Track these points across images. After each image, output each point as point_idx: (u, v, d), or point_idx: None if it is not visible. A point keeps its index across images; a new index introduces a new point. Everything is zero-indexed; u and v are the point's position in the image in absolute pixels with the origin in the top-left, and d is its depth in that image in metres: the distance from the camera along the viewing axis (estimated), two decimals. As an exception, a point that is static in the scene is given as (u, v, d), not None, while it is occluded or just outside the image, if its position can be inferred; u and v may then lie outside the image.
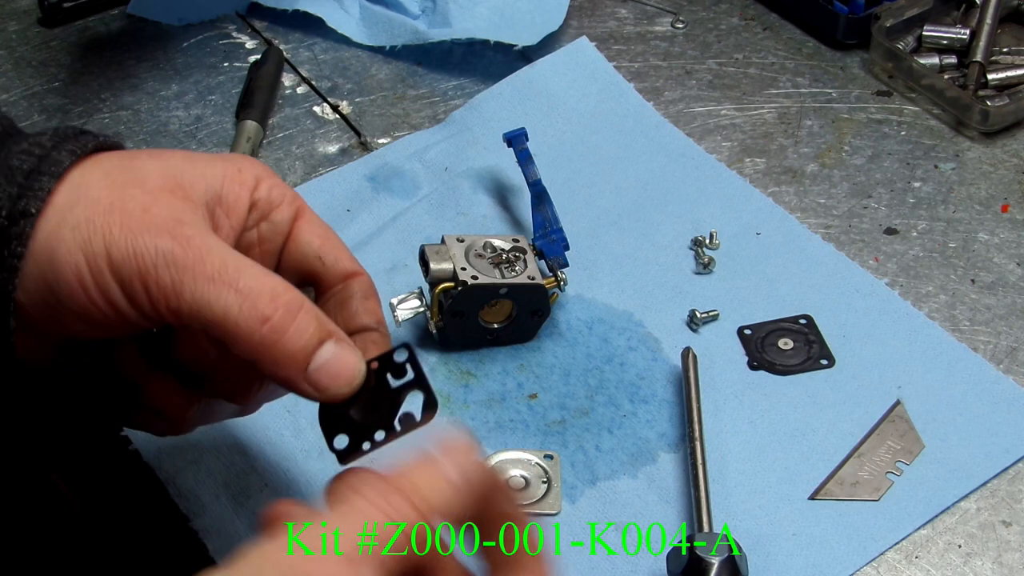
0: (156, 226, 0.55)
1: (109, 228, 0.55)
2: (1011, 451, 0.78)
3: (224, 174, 0.60)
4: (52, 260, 0.55)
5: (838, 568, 0.72)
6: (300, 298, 0.56)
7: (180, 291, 0.54)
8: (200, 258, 0.55)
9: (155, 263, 0.54)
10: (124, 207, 0.55)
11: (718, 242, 0.91)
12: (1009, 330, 0.86)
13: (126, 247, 0.54)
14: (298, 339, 0.55)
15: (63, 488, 0.72)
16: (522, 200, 0.93)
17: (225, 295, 0.54)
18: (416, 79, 1.06)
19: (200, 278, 0.54)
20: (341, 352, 0.57)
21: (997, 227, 0.93)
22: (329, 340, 0.57)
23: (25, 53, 1.07)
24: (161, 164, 0.58)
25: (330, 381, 0.56)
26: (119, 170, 0.57)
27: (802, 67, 1.07)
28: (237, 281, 0.55)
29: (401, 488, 0.49)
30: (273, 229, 0.62)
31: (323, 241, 0.63)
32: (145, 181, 0.57)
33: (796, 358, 0.83)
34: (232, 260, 0.55)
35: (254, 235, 0.62)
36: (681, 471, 0.77)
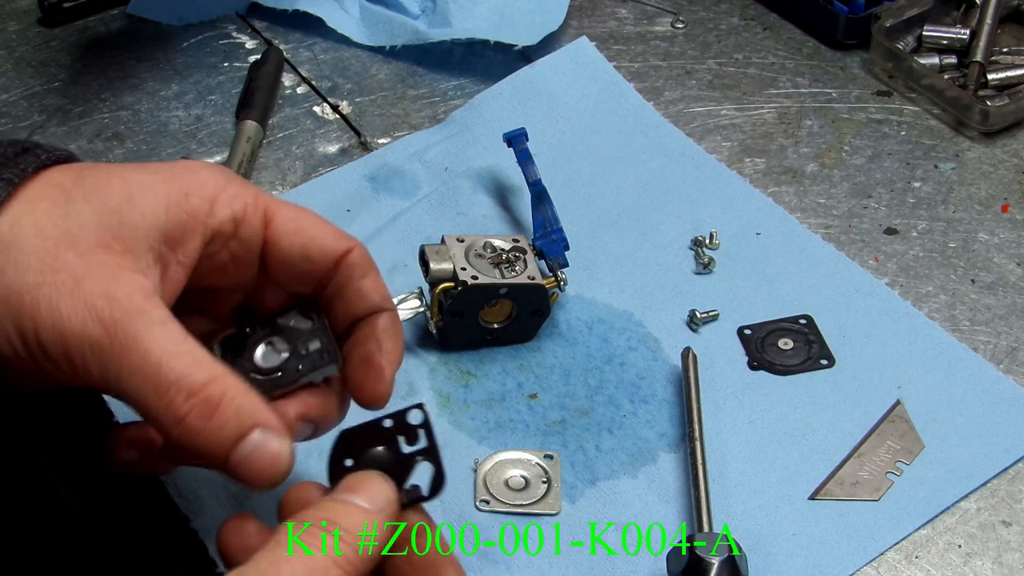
0: (85, 306, 0.53)
1: (37, 306, 0.53)
2: (1011, 451, 0.78)
3: (168, 205, 0.57)
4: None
5: (838, 568, 0.72)
6: (222, 388, 0.55)
7: (106, 377, 0.54)
8: (124, 347, 0.53)
9: (81, 350, 0.53)
10: (55, 280, 0.53)
11: (718, 242, 0.91)
12: (1009, 330, 0.86)
13: (53, 331, 0.53)
14: (213, 436, 0.54)
15: (63, 489, 0.72)
16: (522, 200, 0.93)
17: (145, 390, 0.54)
18: (416, 79, 1.06)
19: (124, 369, 0.53)
20: (264, 444, 0.55)
21: (997, 227, 0.93)
22: (252, 432, 0.55)
23: (25, 53, 1.07)
24: (97, 211, 0.55)
25: (253, 475, 0.55)
26: (52, 221, 0.55)
27: (802, 67, 1.07)
28: (157, 376, 0.53)
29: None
30: (244, 245, 0.60)
31: (303, 237, 0.61)
32: (78, 241, 0.55)
33: (796, 358, 0.83)
34: (156, 346, 0.54)
35: (225, 256, 0.60)
36: (681, 471, 0.77)
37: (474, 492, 0.75)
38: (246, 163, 0.95)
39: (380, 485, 0.56)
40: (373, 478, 0.56)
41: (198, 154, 0.98)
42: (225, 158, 0.97)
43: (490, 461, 0.77)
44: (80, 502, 0.71)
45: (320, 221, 0.62)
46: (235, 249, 0.60)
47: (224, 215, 0.59)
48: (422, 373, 0.82)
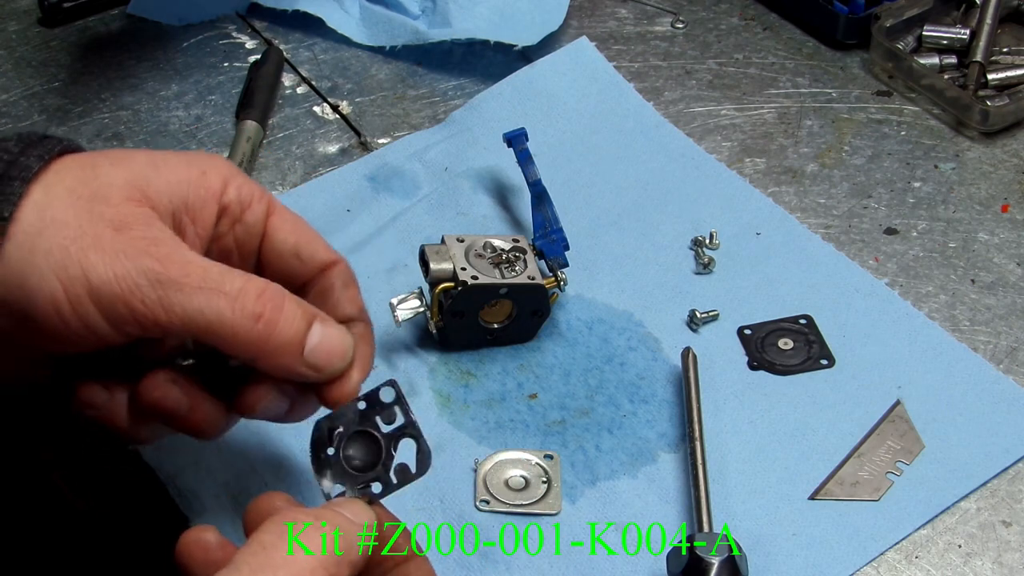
0: (132, 246, 0.55)
1: (85, 254, 0.54)
2: (1011, 451, 0.78)
3: (189, 179, 0.60)
4: (23, 287, 0.54)
5: (838, 568, 0.72)
6: (281, 290, 0.58)
7: (169, 306, 0.55)
8: (183, 271, 0.55)
9: (138, 284, 0.54)
10: (95, 230, 0.55)
11: (718, 242, 0.91)
12: (1009, 330, 0.86)
13: (106, 272, 0.54)
14: (289, 328, 0.57)
15: (64, 488, 0.72)
16: (522, 200, 0.93)
17: (215, 301, 0.56)
18: (416, 79, 1.06)
19: (188, 290, 0.55)
20: (329, 331, 0.59)
21: (997, 227, 0.93)
22: (315, 322, 0.59)
23: (25, 53, 1.07)
24: (124, 173, 0.58)
25: (326, 360, 0.59)
26: (82, 184, 0.57)
27: (802, 67, 1.07)
28: (223, 286, 0.56)
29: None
30: (247, 231, 0.63)
31: (298, 236, 0.63)
32: (109, 196, 0.57)
33: (796, 358, 0.83)
34: (212, 267, 0.57)
35: (230, 240, 0.63)
36: (681, 471, 0.77)
37: (474, 492, 0.75)
38: (246, 163, 0.95)
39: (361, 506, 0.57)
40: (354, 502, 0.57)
41: (198, 154, 0.98)
42: (225, 158, 0.97)
43: (490, 461, 0.77)
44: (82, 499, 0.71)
45: (314, 231, 0.65)
46: (239, 234, 0.62)
47: (234, 196, 0.61)
48: (422, 373, 0.82)
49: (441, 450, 0.77)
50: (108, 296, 0.54)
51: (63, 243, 0.54)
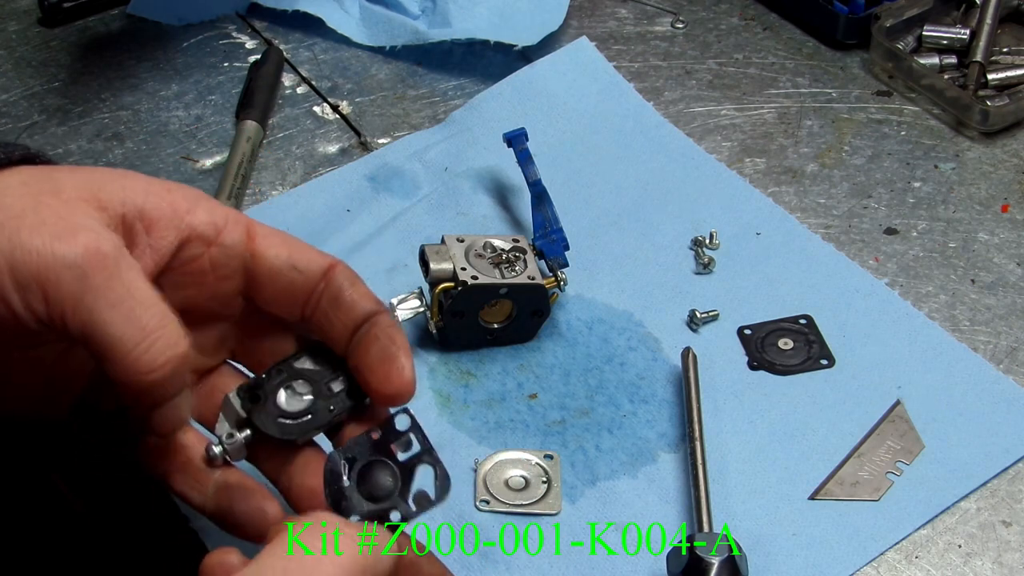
0: (69, 235, 0.53)
1: (17, 229, 0.52)
2: (1011, 451, 0.78)
3: (148, 190, 0.58)
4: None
5: (838, 568, 0.72)
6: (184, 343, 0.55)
7: (78, 306, 0.52)
8: (109, 278, 0.53)
9: (59, 271, 0.52)
10: (37, 214, 0.53)
11: (718, 242, 0.91)
12: (1009, 330, 0.86)
13: (32, 249, 0.52)
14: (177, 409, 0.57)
15: (63, 488, 0.72)
16: (522, 200, 0.93)
17: (123, 325, 0.53)
18: (416, 79, 1.06)
19: (103, 299, 0.52)
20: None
21: (997, 227, 0.93)
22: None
23: (25, 53, 1.07)
24: (81, 176, 0.56)
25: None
26: (37, 180, 0.55)
27: (802, 67, 1.07)
28: (141, 317, 0.53)
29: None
30: (226, 252, 0.60)
31: (290, 249, 0.61)
32: (61, 191, 0.55)
33: (796, 358, 0.83)
34: (140, 290, 0.54)
35: (204, 263, 0.60)
36: (681, 471, 0.77)
37: (474, 492, 0.75)
38: (246, 163, 0.95)
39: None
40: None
41: (198, 154, 0.98)
42: (225, 158, 0.97)
43: (490, 461, 0.77)
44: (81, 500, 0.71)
45: (301, 241, 0.63)
46: (216, 256, 0.60)
47: (203, 218, 0.59)
48: (422, 373, 0.82)
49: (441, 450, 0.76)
50: (28, 274, 0.52)
51: (2, 220, 0.53)
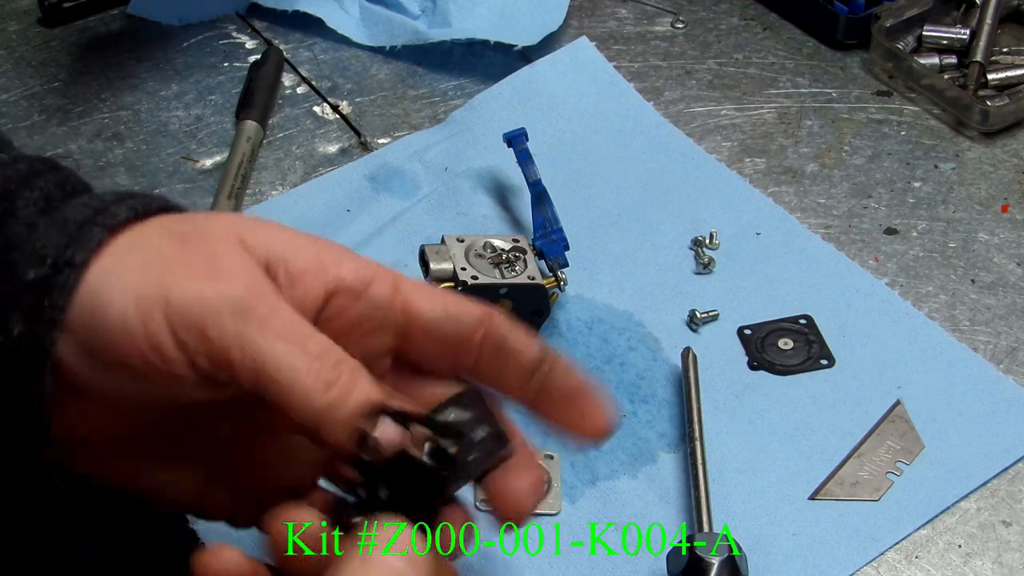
0: (224, 274, 0.51)
1: (170, 271, 0.51)
2: (1011, 451, 0.78)
3: (292, 240, 0.55)
4: (97, 304, 0.50)
5: (838, 568, 0.72)
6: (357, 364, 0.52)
7: (246, 345, 0.50)
8: (271, 312, 0.51)
9: (219, 309, 0.50)
10: (186, 257, 0.51)
11: (718, 242, 0.91)
12: (1009, 330, 0.86)
13: (188, 291, 0.50)
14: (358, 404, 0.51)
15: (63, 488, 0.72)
16: (522, 200, 0.93)
17: (294, 355, 0.50)
18: (416, 79, 1.06)
19: (270, 334, 0.50)
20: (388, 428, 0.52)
21: (997, 227, 0.93)
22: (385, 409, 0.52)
23: (25, 53, 1.07)
24: (224, 221, 0.54)
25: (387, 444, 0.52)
26: (179, 222, 0.54)
27: (802, 67, 1.07)
28: (306, 342, 0.51)
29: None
30: (373, 307, 0.56)
31: (444, 302, 0.57)
32: (207, 233, 0.53)
33: (796, 358, 0.83)
34: (299, 320, 0.52)
35: (353, 317, 0.56)
36: (681, 471, 0.77)
37: (474, 492, 0.75)
38: (246, 163, 0.95)
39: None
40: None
41: (198, 154, 0.98)
42: (225, 158, 0.97)
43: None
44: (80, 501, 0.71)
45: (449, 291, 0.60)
46: (364, 311, 0.56)
47: (350, 271, 0.55)
48: (422, 373, 0.82)
49: None
50: (183, 316, 0.50)
51: (148, 261, 0.51)
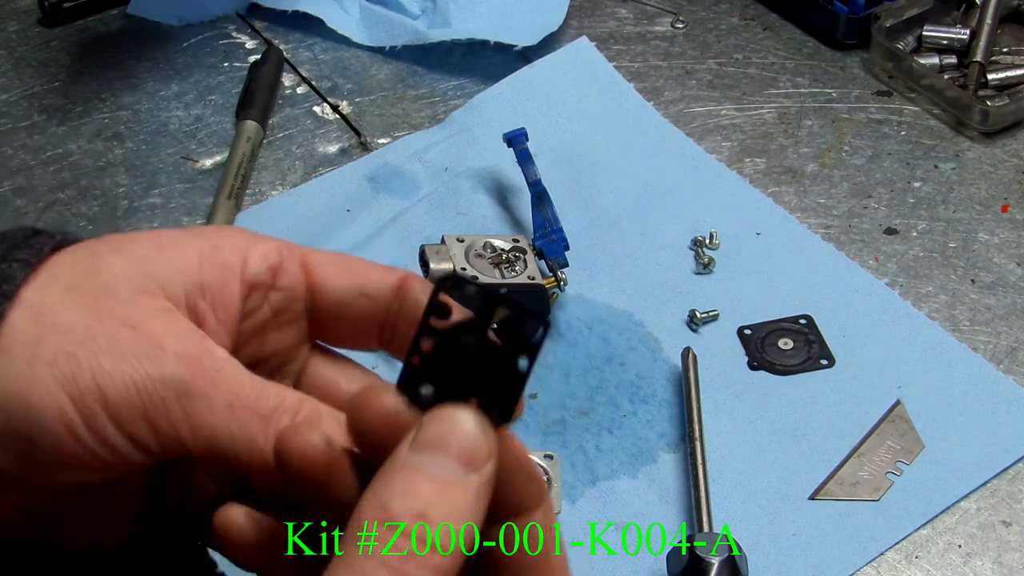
0: (152, 348, 0.46)
1: (96, 359, 0.45)
2: (1011, 451, 0.78)
3: (200, 258, 0.50)
4: (26, 406, 0.45)
5: (838, 568, 0.72)
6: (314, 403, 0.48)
7: (196, 425, 0.46)
8: (213, 381, 0.46)
9: (163, 396, 0.45)
10: (106, 330, 0.46)
11: (718, 242, 0.91)
12: (1009, 330, 0.86)
13: (123, 381, 0.45)
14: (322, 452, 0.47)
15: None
16: (522, 200, 0.93)
17: (247, 424, 0.46)
18: (416, 79, 1.06)
19: (218, 406, 0.46)
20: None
21: (997, 227, 0.93)
22: None
23: (25, 53, 1.07)
24: (128, 260, 0.49)
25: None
26: (82, 278, 0.47)
27: (802, 67, 1.07)
28: (257, 404, 0.46)
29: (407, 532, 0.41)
30: (285, 297, 0.52)
31: (353, 276, 0.52)
32: (117, 289, 0.47)
33: (796, 358, 0.83)
34: (243, 377, 0.47)
35: (265, 313, 0.52)
36: (681, 471, 0.77)
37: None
38: (246, 163, 0.95)
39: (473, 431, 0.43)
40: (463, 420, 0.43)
41: (198, 154, 0.98)
42: (225, 158, 0.97)
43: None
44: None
45: (362, 260, 0.53)
46: (276, 302, 0.52)
47: (258, 266, 0.51)
48: (422, 373, 0.82)
49: None
50: (126, 410, 0.45)
51: (70, 350, 0.45)
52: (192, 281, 0.49)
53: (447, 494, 0.42)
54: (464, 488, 0.42)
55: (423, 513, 0.42)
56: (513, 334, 0.44)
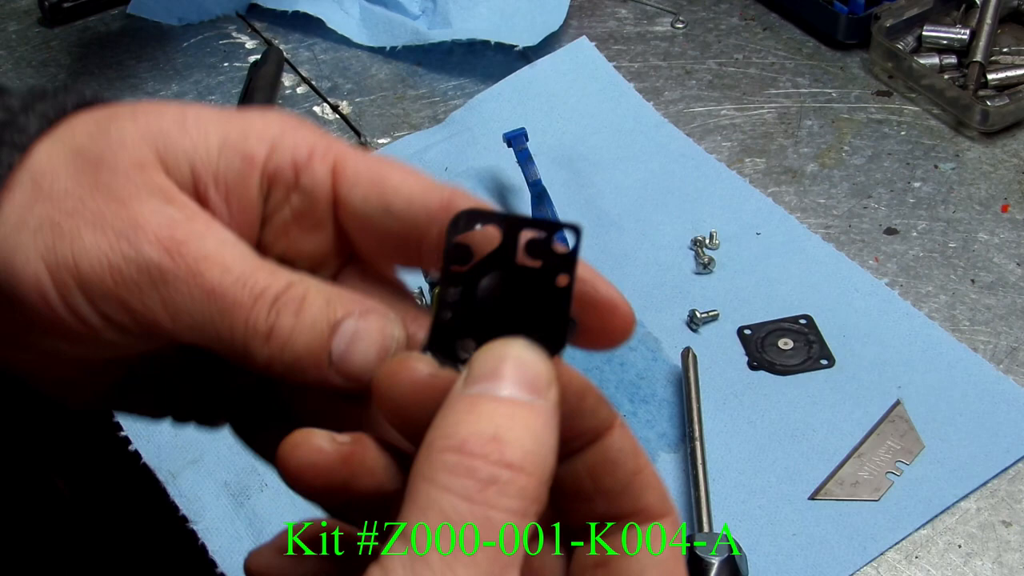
0: (137, 227, 0.44)
1: (78, 232, 0.44)
2: (1011, 451, 0.78)
3: (222, 144, 0.47)
4: (9, 269, 0.44)
5: (838, 568, 0.72)
6: (306, 286, 0.45)
7: (175, 311, 0.44)
8: (195, 268, 0.44)
9: (137, 280, 0.43)
10: (94, 203, 0.44)
11: (718, 242, 0.91)
12: (1009, 330, 0.86)
13: (98, 258, 0.43)
14: (305, 335, 0.44)
15: (63, 488, 0.72)
16: (522, 200, 0.93)
17: (227, 312, 0.44)
18: (416, 79, 1.06)
19: (197, 294, 0.44)
20: (365, 325, 0.45)
21: (997, 227, 0.93)
22: (346, 320, 0.45)
23: (25, 53, 1.07)
24: (142, 131, 0.46)
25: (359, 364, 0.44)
26: (91, 142, 0.46)
27: (802, 67, 1.07)
28: (238, 292, 0.44)
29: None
30: (306, 199, 0.48)
31: (382, 189, 0.47)
32: (118, 160, 0.45)
33: (796, 358, 0.83)
34: (230, 261, 0.44)
35: (286, 214, 0.48)
36: (681, 471, 0.77)
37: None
38: (246, 163, 0.95)
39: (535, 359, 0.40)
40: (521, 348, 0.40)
41: (198, 154, 0.99)
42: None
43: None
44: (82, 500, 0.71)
45: (406, 171, 0.48)
46: (297, 205, 0.48)
47: (282, 160, 0.48)
48: (422, 373, 0.82)
49: None
50: (100, 290, 0.44)
51: (56, 219, 0.44)
52: (206, 167, 0.47)
53: (516, 415, 0.39)
54: (532, 410, 0.39)
55: (496, 435, 0.38)
56: (545, 252, 0.40)
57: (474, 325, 0.41)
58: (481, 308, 0.41)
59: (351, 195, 0.47)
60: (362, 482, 0.42)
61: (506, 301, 0.41)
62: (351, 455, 0.42)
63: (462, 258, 0.41)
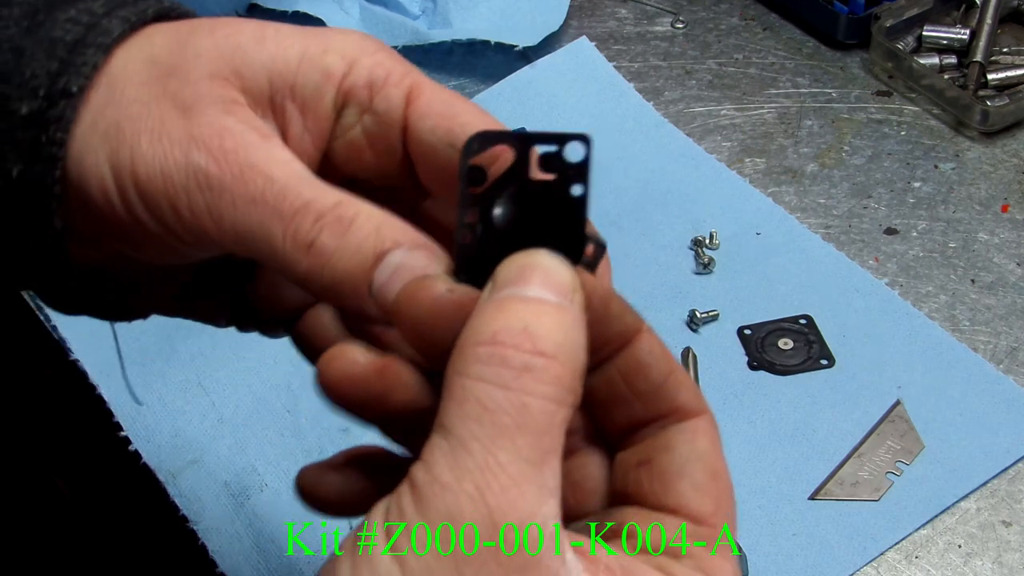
0: (191, 136, 0.45)
1: (138, 137, 0.45)
2: (1011, 451, 0.78)
3: (301, 58, 0.47)
4: (80, 168, 0.46)
5: (838, 568, 0.72)
6: (356, 207, 0.45)
7: (219, 218, 0.45)
8: (240, 175, 0.44)
9: (185, 185, 0.45)
10: (158, 111, 0.45)
11: (718, 242, 0.91)
12: (1009, 330, 0.86)
13: (153, 163, 0.45)
14: (348, 257, 0.44)
15: (63, 488, 0.72)
16: (522, 200, 0.93)
17: (268, 222, 0.44)
18: (416, 79, 1.06)
19: (240, 201, 0.44)
20: (410, 261, 0.44)
21: (997, 227, 0.93)
22: (394, 251, 0.44)
23: (25, 53, 1.07)
24: (219, 43, 0.47)
25: (400, 302, 0.43)
26: (167, 53, 0.47)
27: (802, 67, 1.07)
28: (281, 202, 0.44)
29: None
30: (379, 122, 0.48)
31: (451, 123, 0.48)
32: (190, 70, 0.46)
33: (796, 358, 0.83)
34: (281, 174, 0.45)
35: (358, 135, 0.49)
36: (681, 471, 0.77)
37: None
38: (246, 163, 0.95)
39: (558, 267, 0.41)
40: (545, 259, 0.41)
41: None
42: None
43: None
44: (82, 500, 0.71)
45: (478, 111, 0.49)
46: (369, 127, 0.48)
47: (359, 78, 0.48)
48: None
49: None
50: (154, 195, 0.45)
51: (122, 124, 0.45)
52: (284, 79, 0.47)
53: (545, 311, 0.40)
54: (559, 308, 0.40)
55: (526, 328, 0.39)
56: (557, 164, 0.41)
57: (495, 245, 0.41)
58: (501, 228, 0.41)
59: (420, 124, 0.48)
60: (396, 396, 0.43)
61: (524, 218, 0.41)
62: (385, 368, 0.43)
63: (478, 179, 0.42)
